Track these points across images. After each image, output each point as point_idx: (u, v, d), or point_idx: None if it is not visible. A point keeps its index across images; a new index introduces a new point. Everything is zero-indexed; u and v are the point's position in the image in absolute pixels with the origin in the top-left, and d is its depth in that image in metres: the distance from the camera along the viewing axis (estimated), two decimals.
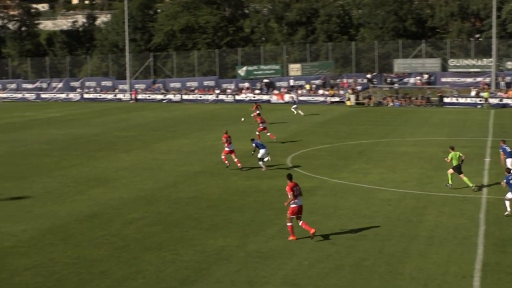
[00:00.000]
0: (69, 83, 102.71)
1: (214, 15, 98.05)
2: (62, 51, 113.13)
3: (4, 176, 33.91)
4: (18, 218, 24.77)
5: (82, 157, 39.94)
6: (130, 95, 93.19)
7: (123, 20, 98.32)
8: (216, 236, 21.81)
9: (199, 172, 34.14)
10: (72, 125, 60.09)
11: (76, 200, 27.76)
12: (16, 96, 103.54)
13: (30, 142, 48.08)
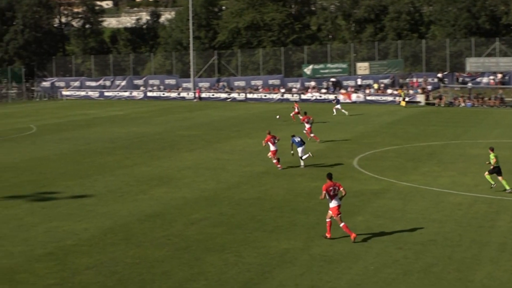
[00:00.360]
0: (132, 81, 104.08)
1: (280, 12, 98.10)
2: (125, 49, 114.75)
3: (66, 174, 34.54)
4: (80, 216, 25.19)
5: (145, 156, 40.40)
6: (194, 93, 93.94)
7: (187, 18, 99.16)
8: (280, 238, 21.78)
9: (263, 172, 34.17)
10: (135, 123, 60.88)
11: (138, 200, 28.08)
12: (80, 94, 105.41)
13: (92, 140, 48.87)
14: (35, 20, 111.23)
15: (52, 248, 21.06)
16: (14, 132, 55.06)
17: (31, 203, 27.65)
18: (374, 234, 22.03)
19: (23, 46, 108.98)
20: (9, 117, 71.36)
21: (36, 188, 31.09)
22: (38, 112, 77.62)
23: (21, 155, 41.88)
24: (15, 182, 32.76)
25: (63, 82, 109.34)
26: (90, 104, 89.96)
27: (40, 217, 25.12)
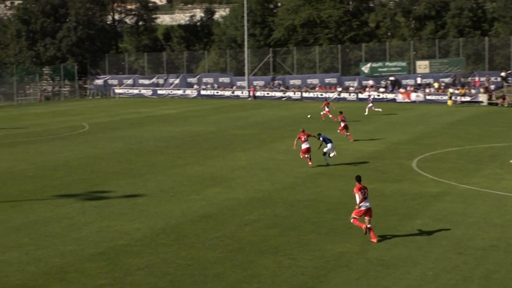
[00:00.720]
0: (186, 79, 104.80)
1: (337, 8, 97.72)
2: (179, 46, 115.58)
3: (118, 173, 34.93)
4: (132, 216, 25.44)
5: (198, 156, 40.62)
6: (248, 92, 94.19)
7: (242, 15, 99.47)
8: (335, 241, 21.69)
9: (319, 173, 34.07)
10: (188, 122, 61.28)
11: (191, 200, 28.24)
12: (133, 92, 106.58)
13: (145, 139, 49.33)
14: (88, 17, 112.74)
15: (104, 248, 21.31)
16: (67, 130, 55.90)
17: (83, 202, 28.03)
18: (433, 238, 21.80)
19: (76, 43, 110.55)
20: (61, 115, 72.49)
21: (88, 187, 31.51)
22: (91, 110, 78.69)
23: (73, 154, 42.49)
24: (67, 180, 33.25)
25: (116, 80, 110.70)
26: (143, 102, 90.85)
27: (92, 217, 25.45)
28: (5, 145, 47.42)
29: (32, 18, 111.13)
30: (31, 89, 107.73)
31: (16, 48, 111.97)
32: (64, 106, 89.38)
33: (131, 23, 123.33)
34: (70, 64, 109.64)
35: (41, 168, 37.05)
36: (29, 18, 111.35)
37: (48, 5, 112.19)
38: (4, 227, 24.06)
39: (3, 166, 37.90)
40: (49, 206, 27.41)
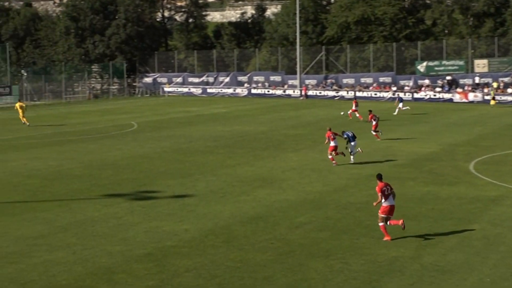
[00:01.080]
0: (236, 78, 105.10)
1: (392, 5, 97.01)
2: (229, 44, 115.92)
3: (167, 173, 35.16)
4: (181, 217, 25.57)
5: (248, 156, 40.69)
6: (300, 91, 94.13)
7: (294, 11, 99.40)
8: (389, 245, 21.53)
9: (372, 175, 33.73)
10: (239, 121, 61.44)
11: (240, 201, 28.29)
12: (182, 90, 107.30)
13: (194, 138, 49.58)
14: (137, 14, 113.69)
15: (152, 248, 21.46)
16: (115, 129, 56.47)
17: (131, 202, 28.28)
18: (491, 244, 21.50)
19: (125, 40, 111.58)
20: (110, 114, 73.26)
21: (136, 186, 31.79)
22: (139, 109, 79.40)
23: (121, 153, 42.91)
24: (115, 180, 33.58)
25: (165, 78, 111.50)
26: (192, 101, 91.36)
27: (139, 217, 25.66)
28: (53, 144, 48.09)
29: (81, 15, 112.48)
30: (79, 87, 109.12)
31: (64, 45, 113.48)
32: (112, 104, 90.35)
33: (181, 20, 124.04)
34: (119, 62, 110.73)
35: (89, 167, 37.49)
36: (78, 15, 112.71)
37: (97, 2, 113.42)
38: (52, 226, 24.39)
39: (50, 165, 38.44)
40: (96, 205, 27.72)
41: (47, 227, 24.30)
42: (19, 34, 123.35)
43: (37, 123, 63.50)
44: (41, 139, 50.78)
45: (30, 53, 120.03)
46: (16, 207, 27.65)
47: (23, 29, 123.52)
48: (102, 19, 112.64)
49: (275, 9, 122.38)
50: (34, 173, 35.96)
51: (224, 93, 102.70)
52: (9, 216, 26.11)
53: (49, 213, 26.39)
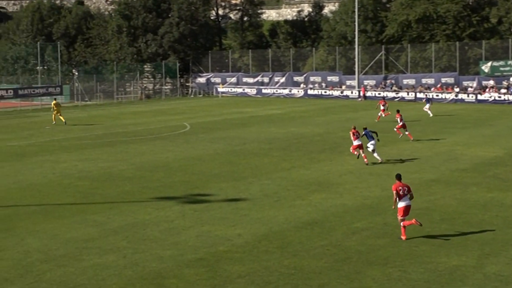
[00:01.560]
0: (292, 78, 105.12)
1: (455, 3, 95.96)
2: (285, 43, 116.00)
3: (220, 176, 35.29)
4: (234, 221, 25.65)
5: (304, 159, 40.64)
6: (359, 92, 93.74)
7: (352, 9, 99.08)
8: (450, 253, 21.31)
9: (433, 180, 33.57)
10: (294, 123, 61.40)
11: (296, 205, 28.27)
12: (236, 91, 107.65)
13: (249, 140, 49.70)
14: (191, 12, 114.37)
15: (203, 253, 21.57)
16: (167, 130, 56.88)
17: (183, 205, 28.46)
18: None
19: (178, 39, 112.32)
20: (162, 114, 73.84)
21: (188, 189, 31.98)
22: (192, 109, 79.87)
23: (173, 154, 43.21)
24: (167, 182, 33.83)
25: (219, 78, 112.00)
26: (246, 102, 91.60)
27: (191, 220, 25.80)
28: (104, 145, 48.66)
29: (134, 14, 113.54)
30: (131, 87, 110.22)
31: (116, 44, 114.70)
32: (165, 104, 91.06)
33: (236, 18, 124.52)
34: (172, 61, 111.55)
35: (140, 169, 37.84)
36: (131, 13, 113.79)
37: (150, 0, 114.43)
38: (102, 229, 24.67)
39: (101, 166, 38.90)
40: (148, 208, 27.96)
41: (98, 230, 24.60)
42: (70, 32, 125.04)
43: (88, 123, 64.34)
44: (92, 140, 51.41)
45: (81, 52, 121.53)
46: (66, 209, 28.04)
47: (75, 28, 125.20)
48: (155, 17, 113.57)
49: (332, 7, 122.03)
50: (85, 174, 36.42)
51: (280, 94, 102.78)
52: (59, 218, 26.49)
53: (99, 216, 26.70)
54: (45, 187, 33.03)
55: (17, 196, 31.01)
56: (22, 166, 39.47)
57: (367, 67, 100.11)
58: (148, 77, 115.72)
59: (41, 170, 37.93)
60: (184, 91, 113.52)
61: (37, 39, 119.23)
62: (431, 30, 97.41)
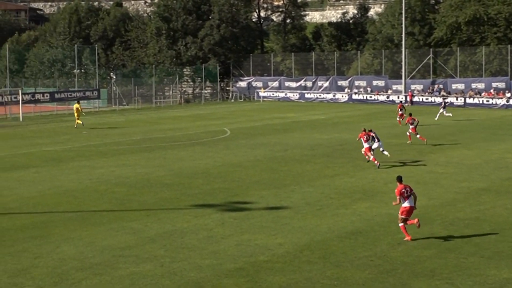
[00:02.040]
0: (336, 82, 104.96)
1: (507, 4, 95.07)
2: (329, 46, 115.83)
3: (261, 183, 35.30)
4: (275, 230, 25.63)
5: (348, 166, 40.52)
6: (405, 97, 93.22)
7: (399, 11, 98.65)
8: (500, 265, 21.09)
9: (483, 189, 33.26)
10: (338, 129, 61.27)
11: (339, 214, 28.19)
12: (278, 95, 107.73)
13: (291, 146, 49.67)
14: (232, 14, 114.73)
15: (243, 263, 21.59)
16: (207, 136, 57.07)
17: (222, 213, 28.52)
18: None
19: (219, 42, 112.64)
20: (202, 119, 74.11)
21: (228, 197, 32.05)
22: (233, 114, 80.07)
23: (213, 161, 43.34)
24: (206, 189, 33.93)
25: (260, 82, 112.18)
26: (289, 107, 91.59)
27: (231, 229, 25.85)
28: (142, 150, 48.97)
29: (173, 16, 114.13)
30: (170, 91, 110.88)
31: (155, 47, 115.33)
32: (204, 109, 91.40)
33: (278, 20, 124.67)
34: (212, 65, 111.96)
35: (178, 175, 38.01)
36: (170, 15, 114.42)
37: (190, 2, 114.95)
38: (139, 237, 24.81)
39: (139, 172, 39.14)
40: (186, 216, 28.06)
41: (135, 237, 24.75)
42: (108, 35, 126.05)
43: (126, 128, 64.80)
44: (130, 145, 51.78)
45: (119, 55, 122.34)
46: (102, 216, 28.27)
47: (113, 30, 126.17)
48: (195, 19, 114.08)
49: (378, 9, 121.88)
50: (122, 180, 36.69)
51: (323, 99, 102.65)
52: (95, 225, 26.70)
53: (136, 223, 26.87)
54: (81, 193, 33.34)
55: (52, 202, 31.34)
56: (58, 172, 39.89)
57: (414, 71, 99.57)
58: (187, 81, 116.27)
59: (77, 176, 38.29)
60: (224, 95, 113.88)
61: (75, 42, 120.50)
62: (481, 33, 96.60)
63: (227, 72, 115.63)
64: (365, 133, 40.76)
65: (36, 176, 38.47)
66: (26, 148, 51.43)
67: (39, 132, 64.40)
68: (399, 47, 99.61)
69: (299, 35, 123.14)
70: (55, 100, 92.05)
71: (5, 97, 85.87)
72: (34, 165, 42.68)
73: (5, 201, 31.73)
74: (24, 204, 31.11)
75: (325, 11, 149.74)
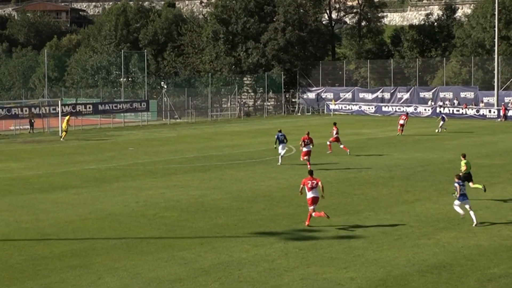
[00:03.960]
0: (418, 93, 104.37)
1: None
2: (410, 52, 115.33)
3: (330, 209, 35.16)
4: (346, 262, 25.53)
5: (430, 190, 40.24)
6: (498, 110, 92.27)
7: (492, 12, 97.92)
8: None
9: None
10: (420, 147, 60.90)
11: (420, 245, 27.98)
12: (351, 108, 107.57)
13: (365, 167, 49.49)
14: (299, 16, 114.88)
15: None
16: (269, 154, 57.04)
17: (286, 243, 28.52)
18: None
19: (284, 48, 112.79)
20: (264, 135, 74.21)
21: (292, 224, 32.04)
22: (299, 130, 79.86)
23: (276, 182, 43.38)
24: (268, 215, 33.96)
25: (331, 93, 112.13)
26: (363, 121, 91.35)
27: (295, 261, 25.81)
28: (196, 170, 49.25)
29: (232, 18, 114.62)
30: (228, 103, 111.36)
31: (212, 53, 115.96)
32: (267, 124, 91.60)
33: (352, 23, 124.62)
34: (276, 73, 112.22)
35: (237, 199, 38.12)
36: (229, 17, 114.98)
37: (251, 2, 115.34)
38: (191, 268, 24.91)
39: (192, 195, 39.35)
40: (245, 245, 28.12)
41: (186, 269, 24.86)
42: (159, 39, 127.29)
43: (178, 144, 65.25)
44: (182, 164, 52.10)
45: (171, 62, 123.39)
46: (150, 244, 28.46)
47: (164, 34, 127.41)
48: (257, 22, 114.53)
49: (467, 9, 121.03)
50: (173, 204, 36.92)
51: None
52: (142, 254, 26.90)
53: (188, 253, 27.00)
54: (126, 218, 33.64)
55: (94, 228, 31.67)
56: (101, 193, 40.32)
57: (509, 81, 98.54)
58: (248, 92, 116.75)
59: (122, 198, 38.65)
60: (289, 108, 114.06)
61: (121, 47, 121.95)
62: None
63: (293, 81, 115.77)
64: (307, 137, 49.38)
65: (76, 198, 38.94)
66: (65, 166, 52.13)
67: (80, 148, 65.22)
68: (491, 53, 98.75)
69: (375, 39, 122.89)
70: (98, 112, 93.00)
71: (43, 109, 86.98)
72: (74, 186, 43.22)
73: (41, 226, 32.18)
74: (63, 229, 31.50)
75: (406, 12, 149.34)
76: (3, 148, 66.32)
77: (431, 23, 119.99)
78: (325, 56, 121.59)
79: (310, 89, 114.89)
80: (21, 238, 29.83)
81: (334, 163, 51.50)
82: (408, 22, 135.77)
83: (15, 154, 61.44)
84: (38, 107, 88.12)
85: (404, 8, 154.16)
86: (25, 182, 45.13)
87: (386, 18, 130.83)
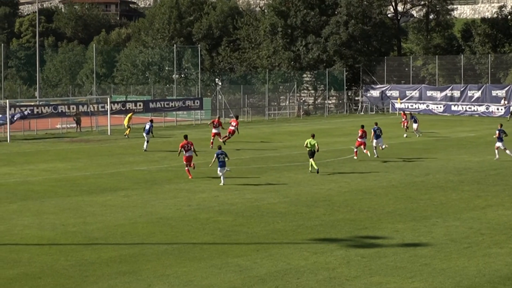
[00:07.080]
0: (490, 92, 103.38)
1: None
2: (482, 48, 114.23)
3: (395, 214, 35.06)
4: (411, 272, 25.40)
5: (503, 195, 39.86)
6: None
7: None
8: None
9: None
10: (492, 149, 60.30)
11: (491, 254, 27.74)
12: (418, 107, 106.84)
13: (433, 170, 49.18)
14: (362, 8, 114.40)
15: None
16: (330, 155, 57.04)
17: (347, 250, 28.45)
18: None
19: (347, 42, 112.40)
20: (324, 135, 74.01)
21: (354, 230, 31.96)
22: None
23: (337, 186, 43.29)
24: (329, 220, 33.91)
25: (396, 90, 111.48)
26: (431, 121, 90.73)
27: (358, 269, 25.75)
28: (251, 172, 49.34)
29: (291, 10, 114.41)
30: (287, 101, 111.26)
31: (269, 48, 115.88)
32: (328, 123, 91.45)
33: (419, 16, 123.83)
34: (338, 70, 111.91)
35: (295, 203, 38.11)
36: (288, 10, 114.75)
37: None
38: (246, 276, 24.95)
39: (247, 199, 39.42)
40: (303, 252, 28.10)
41: (241, 276, 24.90)
42: (214, 33, 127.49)
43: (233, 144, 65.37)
44: (237, 166, 52.12)
45: (226, 58, 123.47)
46: (203, 250, 28.56)
47: (219, 28, 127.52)
48: (317, 15, 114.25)
49: None
50: (227, 208, 37.02)
51: (474, 112, 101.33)
52: (194, 261, 26.99)
53: (243, 259, 27.05)
54: (178, 222, 33.79)
55: (144, 232, 31.86)
56: (151, 196, 40.56)
57: None
58: (307, 89, 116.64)
59: (174, 201, 38.84)
60: (352, 106, 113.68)
61: (174, 41, 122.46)
62: None
63: (356, 78, 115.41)
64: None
65: (126, 201, 39.20)
66: (114, 167, 52.52)
67: (130, 148, 65.60)
68: None
69: (444, 34, 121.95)
70: (149, 110, 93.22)
71: (91, 107, 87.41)
72: (124, 188, 43.54)
73: (89, 230, 32.44)
74: (111, 233, 31.74)
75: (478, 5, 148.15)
76: (49, 148, 66.90)
77: (504, 16, 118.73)
78: (390, 52, 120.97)
79: (374, 86, 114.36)
80: (67, 243, 30.12)
81: (400, 166, 51.21)
82: (480, 15, 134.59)
83: (62, 154, 61.99)
84: (86, 104, 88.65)
85: (475, 0, 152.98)
86: (72, 183, 45.54)
87: (456, 10, 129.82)
